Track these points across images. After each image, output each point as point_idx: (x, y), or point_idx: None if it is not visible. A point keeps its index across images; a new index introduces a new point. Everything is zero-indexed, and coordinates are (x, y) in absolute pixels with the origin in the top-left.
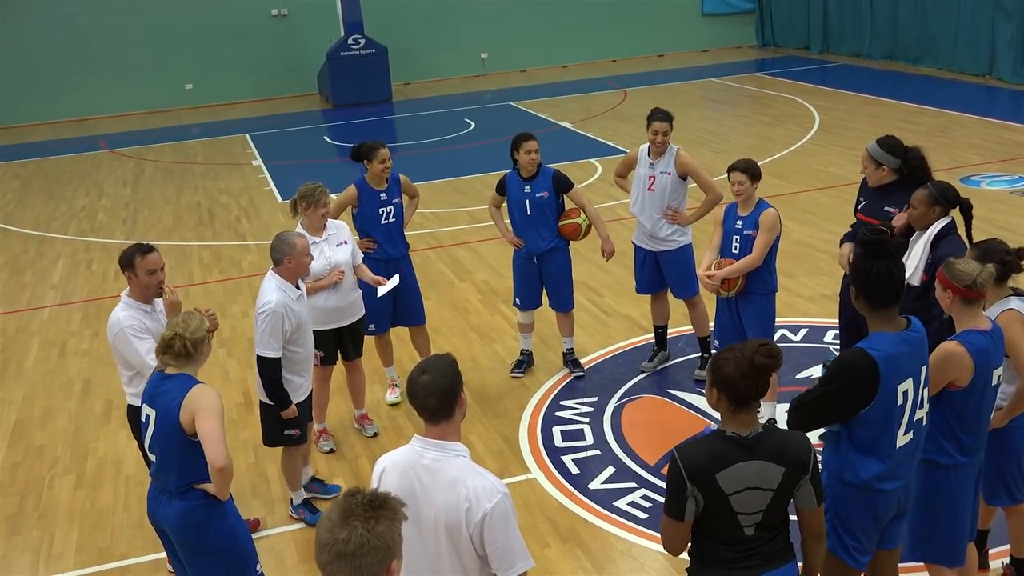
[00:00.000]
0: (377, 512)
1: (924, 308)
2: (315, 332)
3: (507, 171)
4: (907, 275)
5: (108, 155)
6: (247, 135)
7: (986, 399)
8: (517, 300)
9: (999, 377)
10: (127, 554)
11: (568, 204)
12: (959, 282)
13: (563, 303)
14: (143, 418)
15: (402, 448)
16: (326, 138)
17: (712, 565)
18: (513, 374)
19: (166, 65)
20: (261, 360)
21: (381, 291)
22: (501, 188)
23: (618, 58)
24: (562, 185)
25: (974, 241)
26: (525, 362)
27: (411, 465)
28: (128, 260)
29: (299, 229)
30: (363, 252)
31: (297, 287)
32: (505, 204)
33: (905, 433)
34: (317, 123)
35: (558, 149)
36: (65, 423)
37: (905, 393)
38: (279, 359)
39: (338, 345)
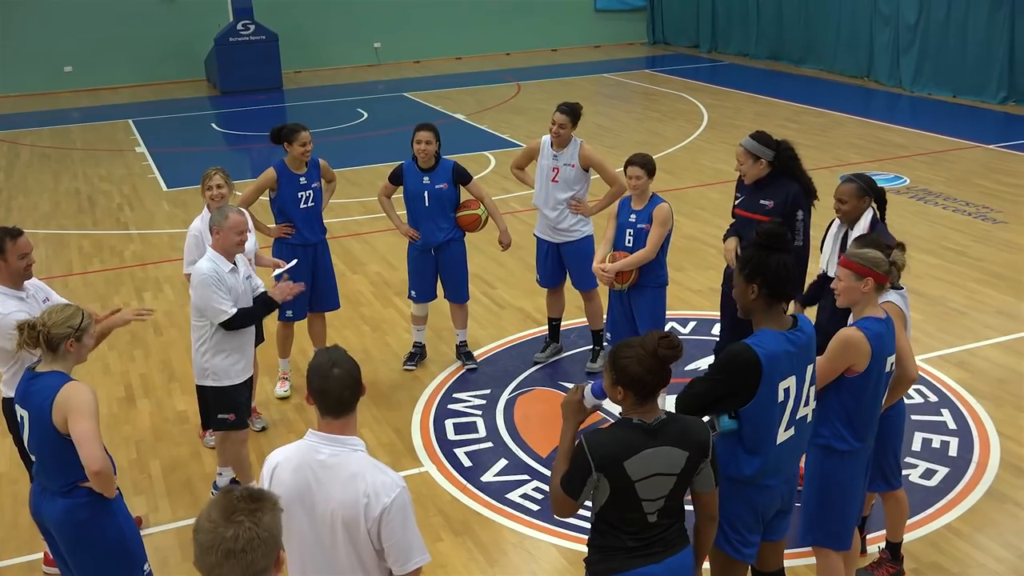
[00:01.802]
0: (260, 503)
1: None
2: None
3: (402, 161)
4: (823, 265)
5: None
6: (130, 121)
7: (880, 386)
8: (412, 293)
9: (891, 364)
10: None
11: (464, 196)
12: (878, 268)
13: (459, 295)
14: (18, 418)
15: (296, 443)
16: (213, 125)
17: (615, 555)
18: (406, 367)
19: (44, 46)
20: (228, 324)
21: (276, 272)
22: (396, 178)
23: (512, 51)
24: (461, 177)
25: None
26: (418, 354)
27: (306, 460)
28: None
29: (204, 213)
30: (281, 237)
31: (233, 263)
32: (398, 195)
33: (786, 429)
34: (204, 110)
35: (452, 141)
36: None
37: (787, 390)
38: (238, 312)
39: None
